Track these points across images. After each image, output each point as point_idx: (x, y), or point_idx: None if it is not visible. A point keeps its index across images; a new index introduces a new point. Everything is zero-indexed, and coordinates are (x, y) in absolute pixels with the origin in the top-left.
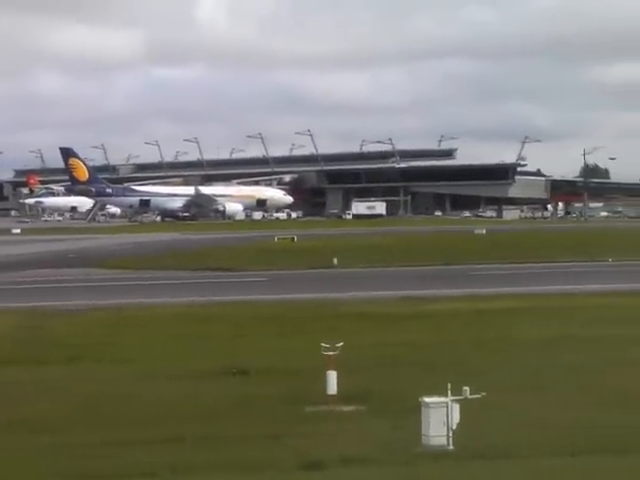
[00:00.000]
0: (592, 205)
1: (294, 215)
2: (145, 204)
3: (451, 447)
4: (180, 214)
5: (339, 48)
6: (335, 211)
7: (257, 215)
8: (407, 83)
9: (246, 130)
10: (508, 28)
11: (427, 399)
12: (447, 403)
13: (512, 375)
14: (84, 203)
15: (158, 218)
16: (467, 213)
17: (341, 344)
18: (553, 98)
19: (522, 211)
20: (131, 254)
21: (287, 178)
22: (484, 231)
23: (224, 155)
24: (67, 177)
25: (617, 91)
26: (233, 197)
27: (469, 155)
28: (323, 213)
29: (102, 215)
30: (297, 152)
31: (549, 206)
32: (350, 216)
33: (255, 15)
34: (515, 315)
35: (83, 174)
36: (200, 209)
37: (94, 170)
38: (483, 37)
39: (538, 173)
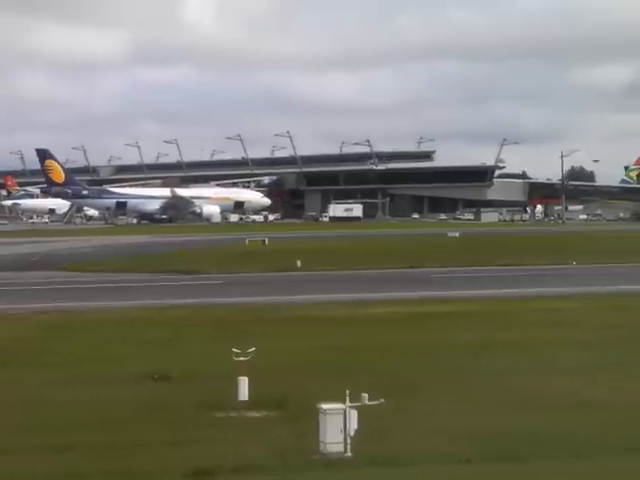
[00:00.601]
0: (572, 208)
1: (271, 217)
2: (122, 206)
3: (349, 454)
4: (157, 216)
5: (326, 49)
6: (313, 213)
7: (234, 217)
8: (394, 85)
9: (232, 131)
10: (495, 30)
11: (324, 406)
12: (344, 410)
13: (427, 380)
14: (62, 205)
15: (134, 220)
16: (443, 216)
17: (253, 349)
18: (540, 100)
19: (501, 214)
20: (96, 257)
21: (266, 180)
22: (457, 234)
23: (209, 157)
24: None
25: (604, 93)
26: (210, 199)
27: (459, 157)
28: (301, 215)
29: (78, 217)
30: (278, 154)
31: (529, 209)
32: (327, 219)
33: (242, 16)
34: (453, 319)
35: (59, 176)
36: (177, 211)
37: (71, 172)
38: (470, 39)
39: (523, 175)
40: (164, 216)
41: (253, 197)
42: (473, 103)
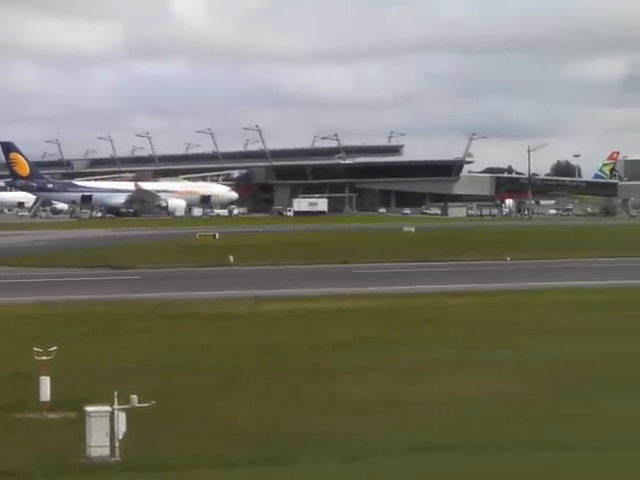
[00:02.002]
0: (544, 203)
1: (236, 211)
2: (87, 200)
3: (116, 458)
4: (123, 210)
5: (319, 43)
6: (279, 207)
7: (197, 211)
8: (388, 78)
9: (224, 124)
10: (489, 24)
11: (89, 408)
12: (112, 412)
13: (252, 380)
14: (31, 198)
15: (99, 214)
16: (407, 210)
17: (54, 348)
18: (534, 94)
19: (471, 208)
20: (39, 251)
21: (235, 174)
22: (413, 229)
23: (184, 150)
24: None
25: (597, 87)
26: (177, 193)
27: (453, 152)
28: (269, 209)
29: (44, 211)
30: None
31: (505, 203)
32: (291, 213)
33: (234, 10)
34: (340, 316)
35: (24, 169)
36: (142, 205)
37: (37, 165)
38: (464, 33)
39: (509, 170)
40: (130, 210)
41: (220, 191)
42: (467, 97)
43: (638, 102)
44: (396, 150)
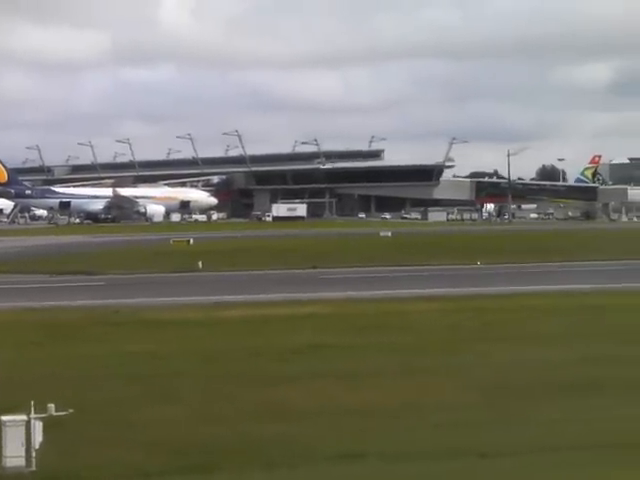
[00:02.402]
0: (525, 207)
1: (215, 217)
2: (65, 206)
3: (32, 468)
4: (101, 216)
5: (306, 49)
6: (258, 213)
7: (175, 217)
8: (376, 84)
9: (211, 130)
10: (476, 29)
11: (4, 417)
12: (28, 421)
13: (187, 387)
14: (10, 205)
15: (78, 220)
16: (387, 215)
17: None
18: (523, 99)
19: (451, 213)
20: (11, 257)
21: (215, 179)
22: (390, 234)
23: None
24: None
25: (586, 92)
26: (155, 199)
27: (441, 156)
28: (249, 215)
29: (22, 217)
30: (233, 152)
31: (487, 207)
32: (270, 218)
33: (221, 16)
34: (301, 322)
35: (2, 176)
36: (121, 211)
37: (15, 172)
38: (451, 38)
39: (495, 174)
40: (108, 216)
41: (199, 197)
42: (456, 102)
43: (625, 107)
44: (376, 155)
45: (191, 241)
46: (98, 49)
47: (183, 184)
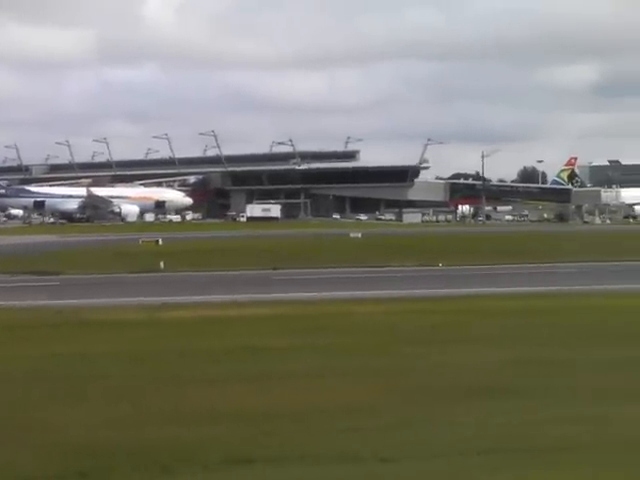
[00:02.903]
0: (501, 209)
1: (189, 217)
2: (40, 205)
3: None
4: (76, 215)
5: (292, 49)
6: (233, 213)
7: (149, 217)
8: (362, 84)
9: (196, 129)
10: (460, 30)
11: None
12: None
13: (116, 389)
14: None
15: (52, 219)
16: (363, 216)
17: None
18: (509, 100)
19: (427, 214)
20: None
21: (191, 179)
22: (359, 235)
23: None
24: None
25: (570, 93)
26: (130, 199)
27: (431, 157)
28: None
29: None
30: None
31: (462, 208)
32: (244, 218)
33: (206, 16)
34: (241, 323)
35: None
36: (95, 210)
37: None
38: (436, 40)
39: (476, 176)
40: (83, 215)
41: (174, 197)
42: (441, 103)
43: (609, 108)
44: (352, 156)
45: (160, 241)
46: (82, 48)
47: (159, 184)
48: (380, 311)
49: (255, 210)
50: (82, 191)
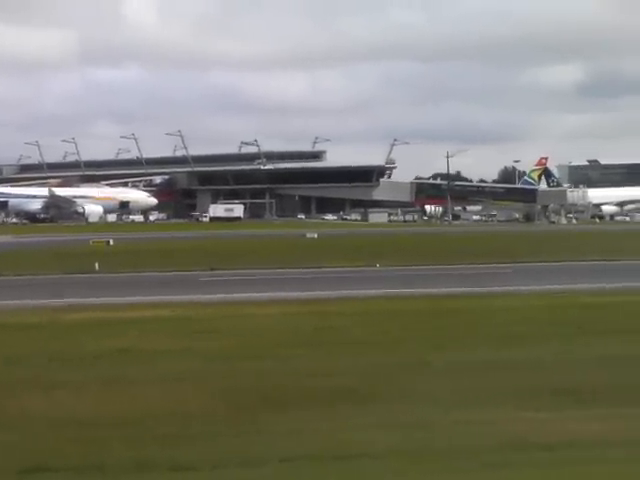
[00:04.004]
0: (470, 209)
1: (153, 218)
2: (2, 206)
3: None
4: (39, 216)
5: (274, 49)
6: (196, 213)
7: (111, 217)
8: (346, 85)
9: (178, 130)
10: (441, 31)
11: None
12: None
13: None
14: None
15: (15, 220)
16: (331, 216)
17: None
18: (493, 100)
19: (393, 214)
20: None
21: (158, 179)
22: (316, 235)
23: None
24: None
25: (556, 93)
26: (94, 199)
27: (413, 158)
28: (189, 216)
29: None
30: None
31: (431, 208)
32: (207, 219)
33: (188, 16)
34: (132, 326)
35: None
36: (59, 211)
37: None
38: (419, 40)
39: (457, 176)
40: (46, 216)
41: (139, 197)
42: (424, 103)
43: (593, 108)
44: (317, 156)
45: (111, 242)
46: (63, 48)
47: (125, 184)
48: (279, 313)
49: (218, 210)
50: (46, 191)
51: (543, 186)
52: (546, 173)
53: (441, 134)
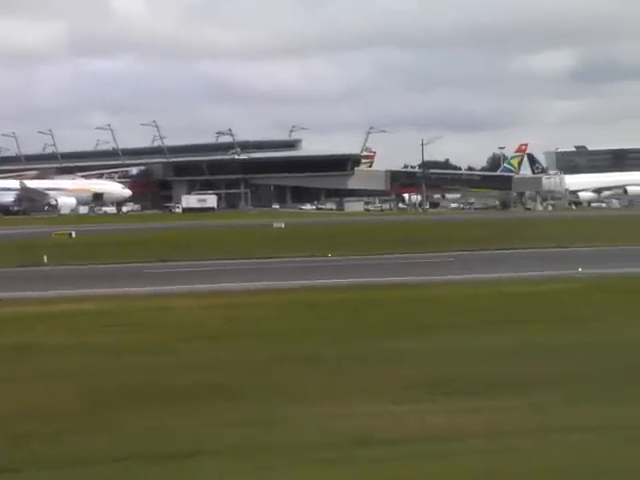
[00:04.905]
0: (449, 197)
1: (126, 209)
2: None
3: None
4: (13, 208)
5: (265, 38)
6: (170, 204)
7: (83, 209)
8: (337, 73)
9: (172, 120)
10: (432, 18)
11: None
12: None
13: None
14: None
15: None
16: (309, 205)
17: None
18: (484, 87)
19: (371, 203)
20: None
21: (134, 171)
22: (283, 225)
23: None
24: None
25: (546, 80)
26: (67, 191)
27: (409, 146)
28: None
29: None
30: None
31: (411, 197)
32: (180, 209)
33: (180, 5)
34: (48, 320)
35: None
36: (32, 203)
37: None
38: (411, 27)
39: (445, 164)
40: (20, 208)
41: (113, 188)
42: (416, 91)
43: (586, 94)
44: (292, 145)
45: (73, 234)
46: (53, 40)
47: (100, 176)
48: (204, 305)
49: (191, 201)
50: (17, 184)
51: (526, 172)
52: (530, 159)
53: (433, 121)
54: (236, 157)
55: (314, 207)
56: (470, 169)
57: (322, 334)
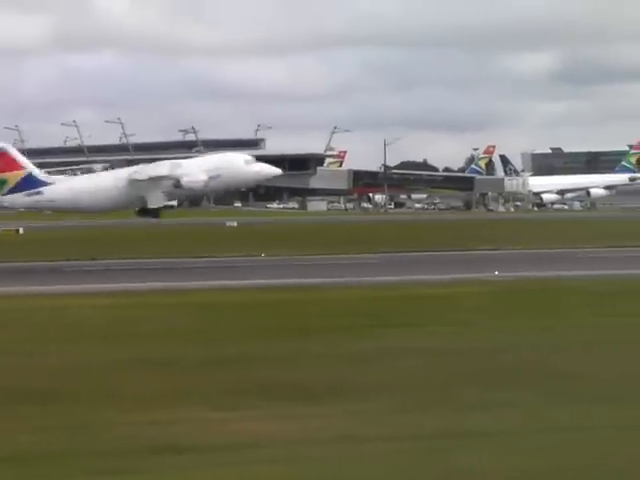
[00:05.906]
0: (415, 197)
1: None
2: None
3: None
4: None
5: (249, 37)
6: None
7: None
8: (321, 72)
9: (155, 117)
10: (417, 18)
11: None
12: None
13: None
14: None
15: None
16: (276, 204)
17: None
18: (467, 88)
19: (335, 202)
20: None
21: (98, 167)
22: (235, 224)
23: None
24: None
25: (528, 81)
26: None
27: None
28: None
29: None
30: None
31: (378, 197)
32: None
33: (165, 2)
34: None
35: None
36: None
37: None
38: (392, 27)
39: (424, 164)
40: None
41: None
42: (399, 90)
43: (567, 96)
44: (256, 144)
45: (21, 230)
46: (38, 35)
47: (62, 172)
48: (102, 305)
49: None
50: None
51: (501, 173)
52: (503, 161)
53: (418, 121)
54: (199, 155)
55: (281, 206)
56: (447, 170)
57: (195, 337)
